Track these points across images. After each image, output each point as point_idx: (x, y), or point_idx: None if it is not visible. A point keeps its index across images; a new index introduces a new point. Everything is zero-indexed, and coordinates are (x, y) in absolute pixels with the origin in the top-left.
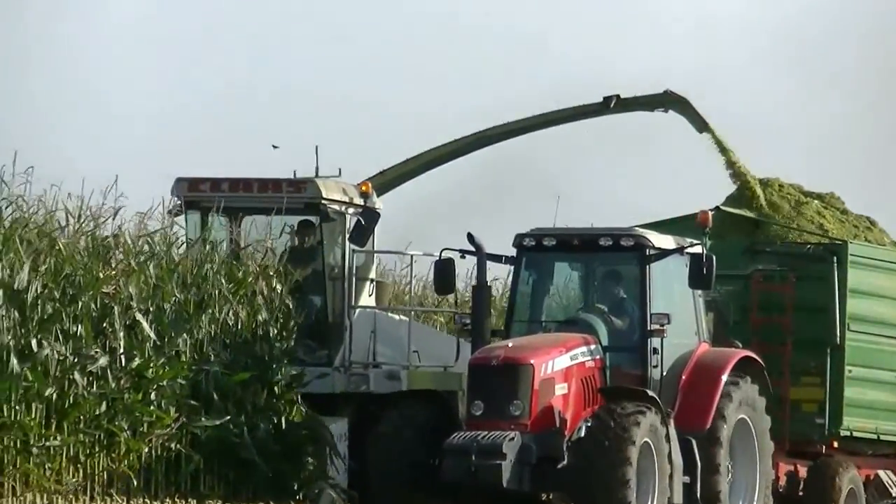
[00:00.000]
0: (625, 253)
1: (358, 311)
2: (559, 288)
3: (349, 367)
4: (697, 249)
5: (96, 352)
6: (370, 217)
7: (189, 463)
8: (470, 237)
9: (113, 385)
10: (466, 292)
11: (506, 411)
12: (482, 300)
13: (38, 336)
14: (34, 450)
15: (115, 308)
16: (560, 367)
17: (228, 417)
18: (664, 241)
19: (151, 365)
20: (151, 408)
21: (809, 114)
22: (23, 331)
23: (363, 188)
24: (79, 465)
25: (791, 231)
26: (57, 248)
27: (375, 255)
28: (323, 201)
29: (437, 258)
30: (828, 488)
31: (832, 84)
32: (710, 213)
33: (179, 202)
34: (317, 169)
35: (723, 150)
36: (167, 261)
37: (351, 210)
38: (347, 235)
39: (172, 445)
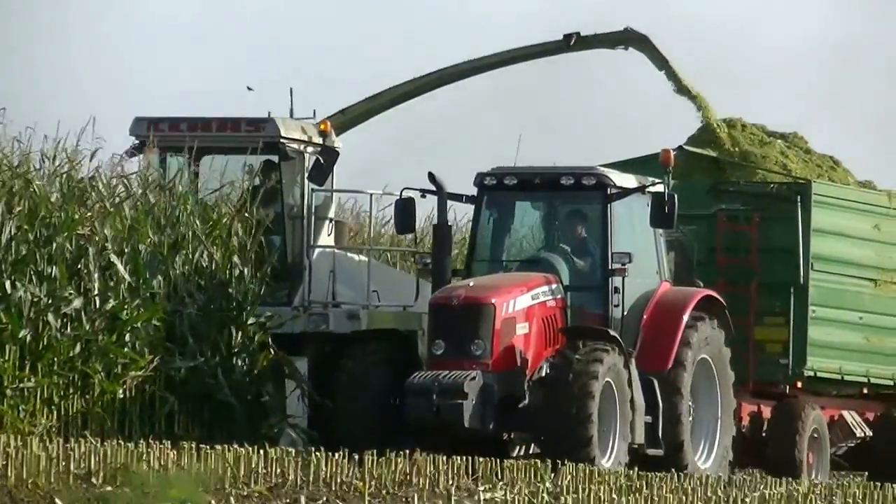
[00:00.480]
0: (586, 192)
1: (317, 250)
2: (520, 227)
3: (309, 306)
4: (660, 188)
5: (71, 293)
6: (329, 156)
7: (164, 404)
8: (431, 176)
9: (87, 327)
10: (428, 235)
11: (467, 351)
12: (443, 239)
13: (12, 278)
14: (8, 391)
15: (90, 250)
16: (521, 306)
17: (203, 359)
18: (626, 179)
19: (126, 307)
20: (126, 350)
21: (771, 49)
22: None
23: (322, 127)
24: (53, 407)
25: (755, 171)
26: (32, 189)
27: (335, 194)
28: (282, 140)
29: (398, 197)
30: (791, 429)
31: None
32: (673, 153)
33: (137, 142)
34: (291, 111)
35: (682, 88)
36: (143, 203)
37: (310, 149)
38: (306, 174)
39: (147, 387)
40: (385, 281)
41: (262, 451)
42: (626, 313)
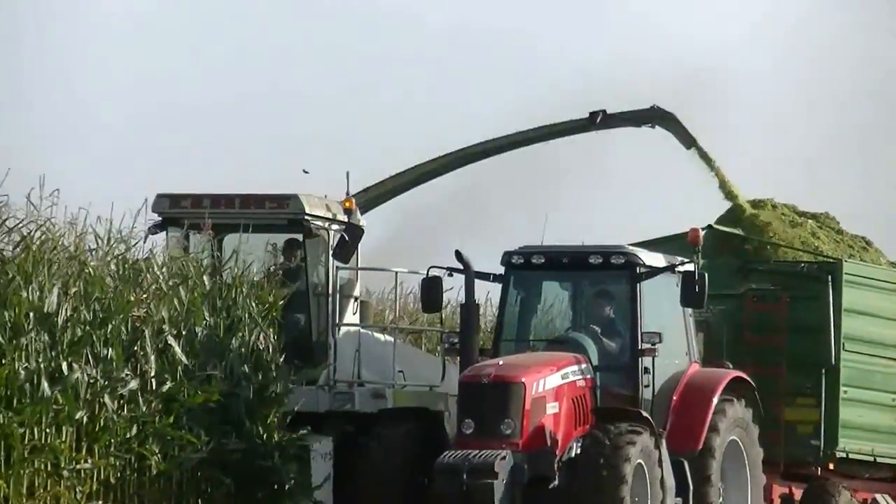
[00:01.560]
0: (615, 271)
1: (342, 329)
2: (548, 306)
3: (334, 385)
4: (689, 267)
5: (127, 375)
6: (353, 233)
7: (220, 486)
8: (458, 255)
9: (144, 408)
10: (455, 316)
11: (497, 430)
12: (470, 318)
13: (69, 359)
14: (65, 472)
15: (146, 331)
16: (551, 385)
17: (260, 441)
18: (655, 258)
19: (182, 388)
20: (182, 431)
21: (804, 133)
22: (53, 354)
23: (346, 204)
24: (109, 489)
25: (785, 251)
26: (86, 271)
27: (359, 272)
28: (306, 217)
29: (425, 276)
30: None
31: (830, 100)
32: (702, 231)
33: (160, 219)
34: (347, 193)
35: (710, 165)
36: (199, 285)
37: (334, 226)
38: (331, 252)
39: (202, 469)
40: (410, 361)
41: None
42: (655, 394)
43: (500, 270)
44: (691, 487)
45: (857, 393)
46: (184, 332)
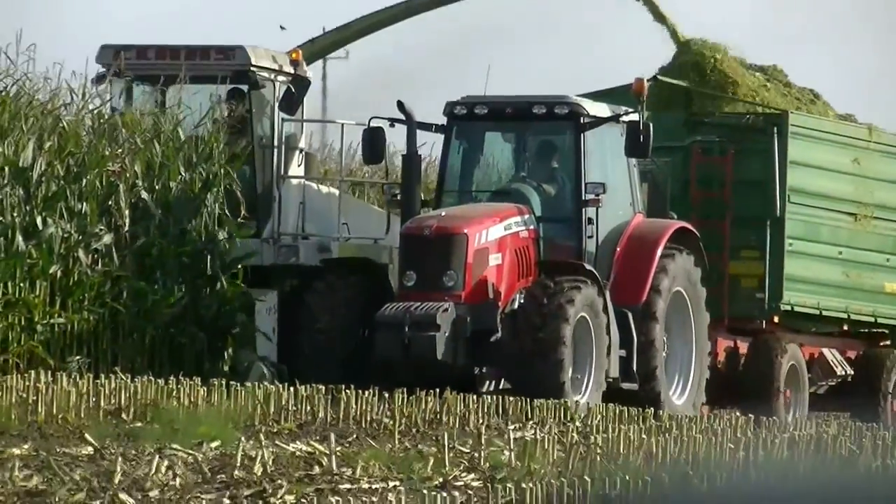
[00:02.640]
0: (559, 121)
1: (287, 182)
2: (491, 157)
3: (278, 239)
4: (634, 117)
5: (101, 229)
6: (300, 85)
7: (195, 341)
8: (400, 105)
9: (117, 263)
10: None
11: (439, 282)
12: (412, 170)
13: (43, 214)
14: (38, 327)
15: (121, 186)
16: (494, 237)
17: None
18: (599, 108)
19: (156, 244)
20: (156, 286)
21: None
22: (28, 209)
23: (293, 56)
24: (82, 344)
25: (730, 102)
26: (61, 125)
27: (305, 124)
28: (252, 68)
29: (366, 126)
30: (768, 364)
31: None
32: (647, 82)
33: (105, 70)
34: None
35: (658, 16)
36: (173, 139)
37: (281, 78)
38: (276, 104)
39: (175, 325)
40: (356, 214)
41: (292, 389)
42: (599, 245)
43: (443, 121)
44: (636, 339)
45: (803, 245)
46: (157, 187)
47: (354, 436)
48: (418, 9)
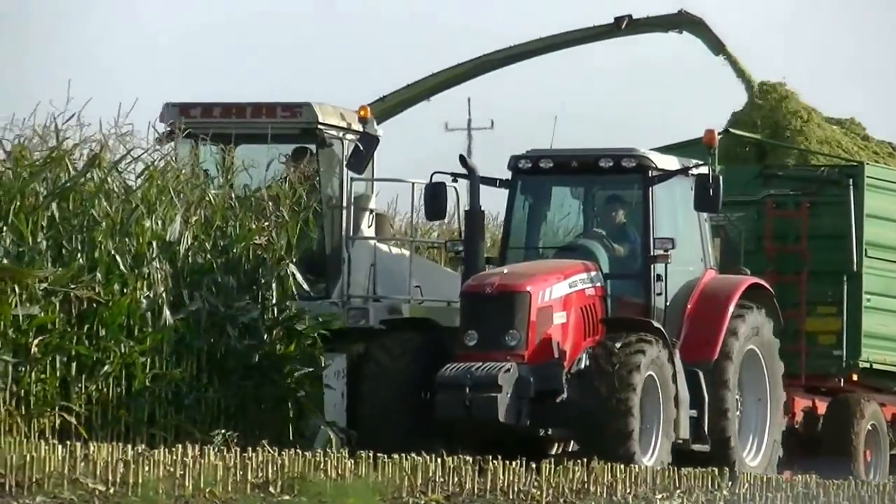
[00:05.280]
0: (626, 174)
1: (357, 243)
2: (557, 213)
3: (348, 301)
4: (703, 170)
5: (248, 303)
6: (369, 143)
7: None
8: (462, 159)
9: (265, 336)
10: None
11: (501, 341)
12: (475, 225)
13: (190, 288)
14: (186, 401)
15: (267, 259)
16: (558, 294)
17: None
18: (668, 161)
19: (305, 316)
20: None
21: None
22: (174, 283)
23: (361, 113)
24: (230, 418)
25: (805, 155)
26: (207, 199)
27: (375, 183)
28: (319, 126)
29: (428, 182)
30: (847, 425)
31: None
32: (717, 134)
33: (168, 129)
34: (469, 121)
35: (740, 72)
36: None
37: (349, 136)
38: (345, 162)
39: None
40: (427, 275)
41: (439, 460)
42: (669, 303)
43: (508, 175)
44: (707, 398)
45: (881, 301)
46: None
47: None
48: (489, 66)
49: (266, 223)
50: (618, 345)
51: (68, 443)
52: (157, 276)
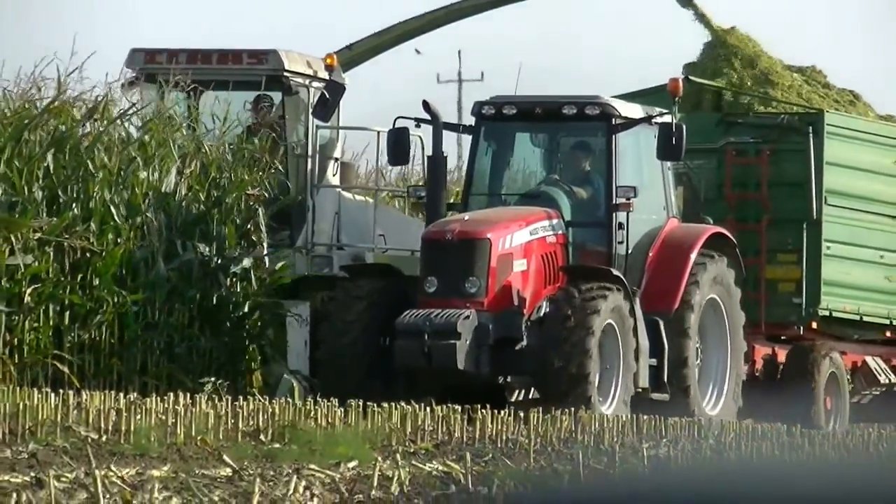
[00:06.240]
0: (590, 122)
1: (321, 191)
2: (520, 159)
3: (312, 248)
4: (667, 119)
5: (239, 253)
6: (335, 91)
7: None
8: (425, 105)
9: (256, 286)
10: None
11: (461, 289)
12: (437, 171)
13: (183, 238)
14: (177, 350)
15: (260, 210)
16: (519, 242)
17: None
18: (632, 109)
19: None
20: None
21: None
22: (168, 234)
23: (328, 61)
24: (220, 368)
25: (764, 101)
26: (203, 150)
27: (341, 132)
28: (285, 73)
29: (391, 127)
30: (808, 373)
31: None
32: (682, 81)
33: (134, 74)
34: (459, 73)
35: (706, 22)
36: None
37: (315, 84)
38: (311, 110)
39: None
40: (393, 225)
41: (427, 409)
42: (630, 251)
43: (471, 122)
44: (667, 347)
45: (841, 249)
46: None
47: (490, 455)
48: (457, 14)
49: (261, 173)
50: (578, 292)
51: (61, 391)
52: (151, 227)
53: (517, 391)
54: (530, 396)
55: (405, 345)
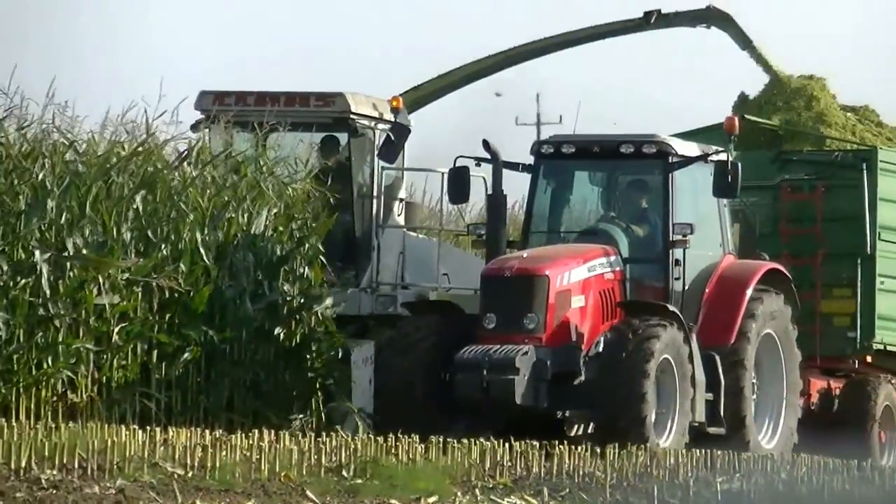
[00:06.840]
0: (647, 160)
1: (387, 230)
2: (578, 197)
3: (377, 288)
4: (722, 156)
5: (323, 292)
6: (400, 132)
7: None
8: (485, 144)
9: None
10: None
11: (519, 324)
12: (497, 209)
13: (268, 279)
14: (264, 387)
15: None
16: (577, 278)
17: None
18: (688, 147)
19: None
20: None
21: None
22: (256, 274)
23: (394, 103)
24: (306, 404)
25: (820, 140)
26: (288, 192)
27: (405, 172)
28: (352, 115)
29: (451, 167)
30: (863, 405)
31: None
32: (738, 120)
33: (203, 117)
34: (538, 115)
35: (766, 67)
36: None
37: (381, 126)
38: (376, 152)
39: None
40: (456, 264)
41: (506, 445)
42: (687, 287)
43: (530, 160)
44: (723, 381)
45: (894, 283)
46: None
47: (567, 490)
48: (520, 58)
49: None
50: (633, 329)
51: (148, 428)
52: (240, 267)
53: (576, 426)
54: (589, 430)
55: (464, 379)
